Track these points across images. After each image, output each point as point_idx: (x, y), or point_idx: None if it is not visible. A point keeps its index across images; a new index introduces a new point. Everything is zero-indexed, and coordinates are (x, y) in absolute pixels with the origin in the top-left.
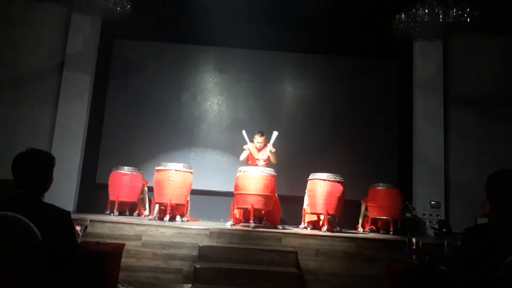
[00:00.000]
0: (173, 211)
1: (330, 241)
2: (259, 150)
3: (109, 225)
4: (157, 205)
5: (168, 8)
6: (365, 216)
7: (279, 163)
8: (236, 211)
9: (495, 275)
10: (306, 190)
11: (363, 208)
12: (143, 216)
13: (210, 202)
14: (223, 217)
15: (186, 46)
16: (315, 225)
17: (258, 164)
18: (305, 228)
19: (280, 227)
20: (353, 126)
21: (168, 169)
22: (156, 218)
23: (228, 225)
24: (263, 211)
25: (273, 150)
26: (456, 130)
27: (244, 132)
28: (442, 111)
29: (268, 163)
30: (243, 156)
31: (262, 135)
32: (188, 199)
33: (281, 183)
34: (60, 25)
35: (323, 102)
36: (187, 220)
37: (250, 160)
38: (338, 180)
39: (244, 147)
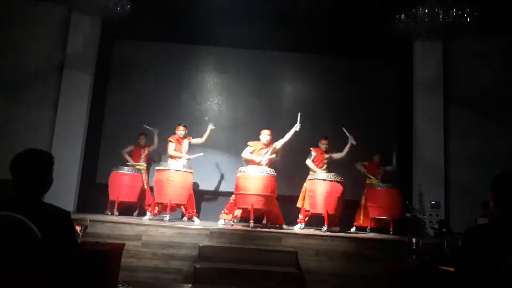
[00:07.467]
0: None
1: (330, 241)
2: (266, 145)
3: (109, 225)
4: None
5: (168, 8)
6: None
7: (279, 163)
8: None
9: (496, 275)
10: (303, 189)
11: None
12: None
13: (210, 202)
14: None
15: (186, 46)
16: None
17: (262, 162)
18: (303, 222)
19: (285, 227)
20: (352, 126)
21: (168, 169)
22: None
23: (220, 223)
24: (265, 213)
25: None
26: (456, 130)
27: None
28: (442, 111)
29: (272, 160)
30: (247, 152)
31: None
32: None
33: (281, 183)
34: (60, 25)
35: (323, 102)
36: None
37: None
38: (338, 180)
39: (249, 143)
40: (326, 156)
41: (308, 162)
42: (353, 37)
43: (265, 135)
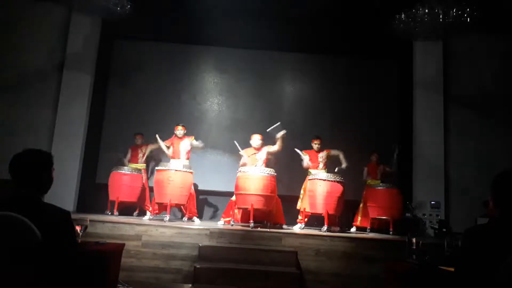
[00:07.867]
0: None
1: (330, 241)
2: (258, 149)
3: (109, 225)
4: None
5: (168, 8)
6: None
7: (279, 163)
8: (236, 211)
9: (496, 274)
10: (302, 189)
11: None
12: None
13: (210, 202)
14: None
15: (186, 46)
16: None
17: (257, 165)
18: (303, 222)
19: (285, 227)
20: (353, 126)
21: (168, 169)
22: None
23: (220, 224)
24: (265, 213)
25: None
26: (456, 130)
27: (236, 142)
28: (442, 111)
29: (267, 162)
30: (242, 161)
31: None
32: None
33: (281, 183)
34: (60, 25)
35: (323, 102)
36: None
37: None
38: (338, 180)
39: (241, 152)
40: (321, 155)
41: (305, 164)
42: (353, 37)
43: (255, 139)
